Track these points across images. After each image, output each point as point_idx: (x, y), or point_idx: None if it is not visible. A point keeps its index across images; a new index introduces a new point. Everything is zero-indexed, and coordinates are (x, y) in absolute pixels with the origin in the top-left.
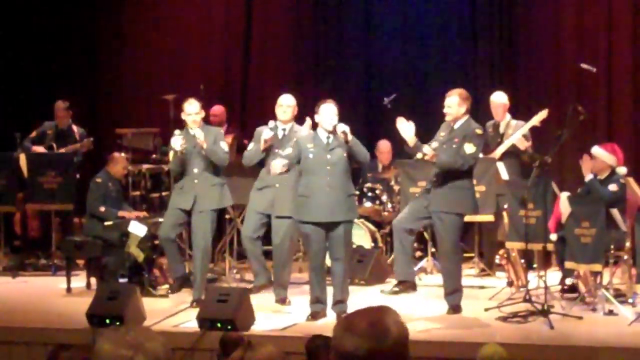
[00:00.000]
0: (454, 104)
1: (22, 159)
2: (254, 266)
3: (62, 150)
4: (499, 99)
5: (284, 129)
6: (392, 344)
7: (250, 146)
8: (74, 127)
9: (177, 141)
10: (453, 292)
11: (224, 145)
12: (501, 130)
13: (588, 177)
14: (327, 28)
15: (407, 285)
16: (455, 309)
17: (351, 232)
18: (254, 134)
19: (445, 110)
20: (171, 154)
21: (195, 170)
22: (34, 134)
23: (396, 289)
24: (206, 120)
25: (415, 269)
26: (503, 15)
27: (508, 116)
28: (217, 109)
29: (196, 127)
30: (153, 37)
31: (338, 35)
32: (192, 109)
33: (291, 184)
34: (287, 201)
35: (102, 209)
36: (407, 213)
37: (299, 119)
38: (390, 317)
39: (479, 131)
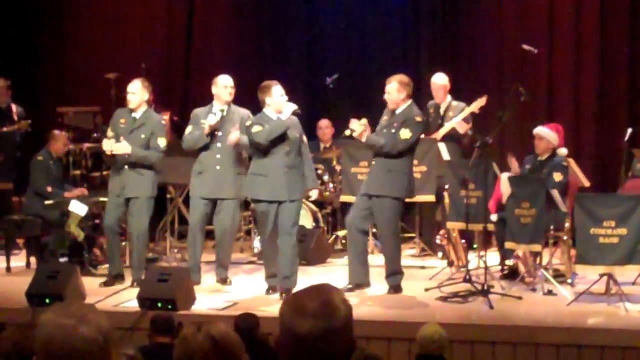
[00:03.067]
0: (393, 90)
1: None
2: (190, 262)
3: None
4: (439, 80)
5: (222, 110)
6: (343, 322)
7: (189, 129)
8: (13, 106)
9: (107, 144)
10: (393, 274)
11: (161, 142)
12: (441, 111)
13: (522, 171)
14: (270, 7)
15: (362, 286)
16: (395, 289)
17: (300, 209)
18: (191, 117)
19: (385, 97)
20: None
21: (127, 156)
22: None
23: (350, 286)
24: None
25: None
26: None
27: (449, 97)
28: None
29: (132, 106)
30: (95, 16)
31: (280, 15)
32: (129, 88)
33: (231, 165)
34: (228, 182)
35: (50, 189)
36: (357, 209)
37: (239, 99)
38: (337, 295)
39: (418, 118)
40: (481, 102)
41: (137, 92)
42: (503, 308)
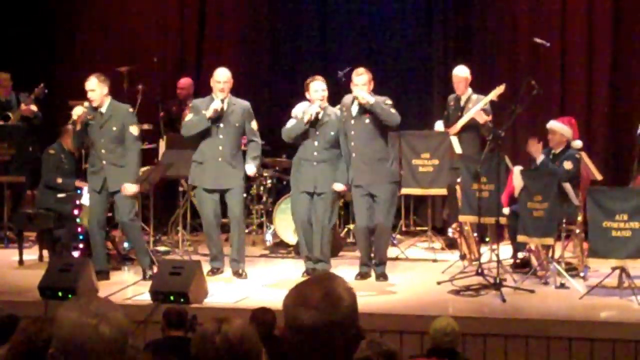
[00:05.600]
0: (368, 81)
1: None
2: (213, 251)
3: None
4: (461, 72)
5: (221, 100)
6: (346, 312)
7: (190, 116)
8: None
9: (78, 110)
10: (383, 262)
11: (134, 130)
12: (462, 103)
13: (540, 158)
14: (283, 1)
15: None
16: (385, 277)
17: (331, 200)
18: (192, 105)
19: (364, 88)
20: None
21: (103, 151)
22: None
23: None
24: (173, 94)
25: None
26: None
27: (469, 90)
28: (184, 82)
29: (95, 104)
30: (108, 9)
31: (294, 9)
32: (86, 86)
33: (232, 158)
34: (230, 173)
35: (60, 180)
36: (359, 211)
37: (250, 88)
38: (340, 285)
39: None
40: (500, 89)
41: (96, 88)
42: (515, 301)
